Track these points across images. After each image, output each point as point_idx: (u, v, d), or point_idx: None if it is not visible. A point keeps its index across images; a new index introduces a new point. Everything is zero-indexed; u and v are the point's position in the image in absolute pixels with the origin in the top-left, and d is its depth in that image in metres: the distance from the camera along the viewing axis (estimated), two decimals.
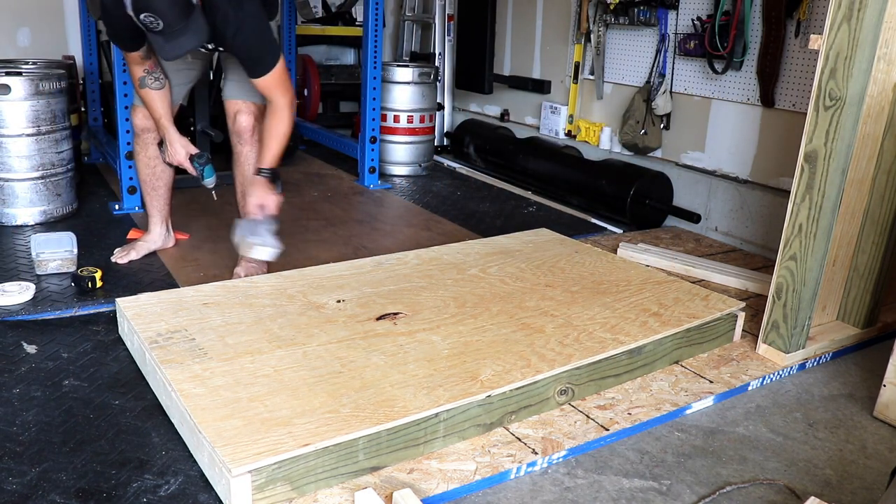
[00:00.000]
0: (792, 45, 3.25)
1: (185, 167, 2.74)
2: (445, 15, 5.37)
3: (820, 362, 2.43)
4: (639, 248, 3.19)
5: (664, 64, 3.83)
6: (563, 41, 4.59)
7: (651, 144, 3.95)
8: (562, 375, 2.00)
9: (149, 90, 2.62)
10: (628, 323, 2.28)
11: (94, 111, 4.56)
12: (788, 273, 2.30)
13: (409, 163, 4.65)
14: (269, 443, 1.58)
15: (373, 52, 4.08)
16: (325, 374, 1.89)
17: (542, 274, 2.68)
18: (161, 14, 2.17)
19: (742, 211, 3.54)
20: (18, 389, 1.99)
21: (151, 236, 3.01)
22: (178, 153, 2.71)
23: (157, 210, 2.98)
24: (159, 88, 2.63)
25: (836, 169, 2.16)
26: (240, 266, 2.79)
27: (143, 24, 2.20)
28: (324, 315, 2.25)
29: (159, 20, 2.18)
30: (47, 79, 3.26)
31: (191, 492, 1.62)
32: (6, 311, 2.44)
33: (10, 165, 3.21)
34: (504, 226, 3.63)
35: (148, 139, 2.81)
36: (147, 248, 2.98)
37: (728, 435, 1.98)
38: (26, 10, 4.56)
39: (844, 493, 1.76)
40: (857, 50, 2.05)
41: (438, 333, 2.16)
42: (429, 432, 1.77)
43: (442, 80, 5.35)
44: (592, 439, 1.88)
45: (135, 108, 2.81)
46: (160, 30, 2.20)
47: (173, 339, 2.03)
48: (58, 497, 1.58)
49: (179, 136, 2.71)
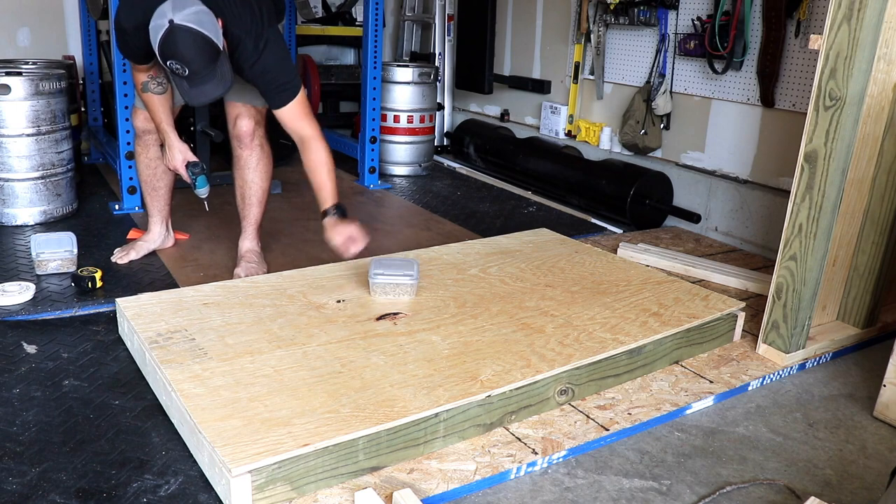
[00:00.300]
0: (792, 45, 3.25)
1: (180, 173, 2.73)
2: (445, 15, 5.37)
3: (820, 362, 2.42)
4: (639, 248, 3.19)
5: (664, 64, 3.83)
6: (563, 41, 4.59)
7: (651, 144, 3.95)
8: (562, 375, 2.00)
9: (151, 94, 2.61)
10: (628, 323, 2.28)
11: (94, 111, 4.57)
12: (788, 273, 2.30)
13: (409, 163, 4.65)
14: (269, 443, 1.58)
15: (373, 52, 4.08)
16: (325, 374, 1.89)
17: (542, 274, 2.68)
18: (188, 62, 2.16)
19: (742, 211, 3.54)
20: (18, 389, 1.99)
21: (151, 236, 3.01)
22: (174, 158, 2.70)
23: (157, 210, 2.98)
24: (161, 93, 2.62)
25: (836, 169, 2.16)
26: (239, 266, 2.79)
27: (170, 69, 2.20)
28: (324, 315, 2.25)
29: (186, 67, 2.17)
30: (47, 79, 3.26)
31: (191, 492, 1.62)
32: (6, 311, 2.43)
33: (10, 165, 3.21)
34: (504, 226, 3.63)
35: (149, 140, 2.81)
36: (147, 248, 2.98)
37: (728, 435, 1.98)
38: (26, 10, 4.56)
39: (844, 493, 1.76)
40: (857, 50, 2.05)
41: (438, 333, 2.16)
42: (429, 432, 1.77)
43: (442, 80, 5.35)
44: (592, 439, 1.88)
45: (136, 110, 2.80)
46: (186, 76, 2.19)
47: (173, 339, 2.03)
48: (58, 497, 1.58)
49: (179, 141, 2.70)
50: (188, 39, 2.14)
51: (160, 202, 2.96)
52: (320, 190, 2.50)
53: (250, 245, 2.89)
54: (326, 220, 2.48)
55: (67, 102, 3.42)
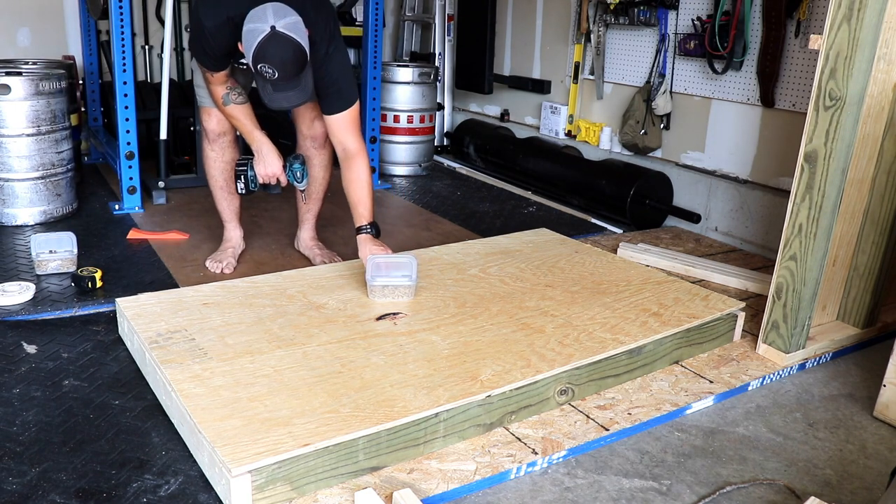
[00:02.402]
0: (792, 45, 3.25)
1: (280, 178, 2.64)
2: (445, 15, 5.37)
3: (820, 362, 2.42)
4: (639, 248, 3.19)
5: (664, 64, 3.83)
6: (563, 41, 4.59)
7: (651, 144, 3.95)
8: (562, 375, 2.00)
9: (234, 105, 2.60)
10: (628, 323, 2.28)
11: (94, 111, 4.57)
12: (788, 273, 2.30)
13: (409, 163, 4.65)
14: (269, 443, 1.58)
15: (373, 52, 4.08)
16: (325, 374, 1.89)
17: (542, 274, 2.68)
18: (282, 68, 2.22)
19: (742, 211, 3.54)
20: (18, 389, 1.99)
21: (235, 240, 3.00)
22: (274, 164, 2.61)
23: (233, 213, 2.96)
24: (243, 103, 2.62)
25: (836, 169, 2.16)
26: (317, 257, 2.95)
27: (259, 71, 2.24)
28: (324, 315, 2.25)
29: (277, 72, 2.22)
30: (47, 79, 3.26)
31: (191, 492, 1.62)
32: (6, 311, 2.43)
33: (10, 165, 3.21)
34: (504, 226, 3.63)
35: (224, 143, 2.78)
36: (236, 253, 2.96)
37: (728, 435, 1.98)
38: (26, 10, 4.56)
39: (844, 493, 1.76)
40: (857, 50, 2.05)
41: (438, 333, 2.16)
42: (429, 432, 1.77)
43: (442, 80, 5.35)
44: (592, 439, 1.88)
45: (208, 112, 2.74)
46: (274, 80, 2.25)
47: (173, 339, 2.03)
48: (58, 497, 1.58)
49: (273, 146, 2.63)
50: (287, 48, 2.21)
51: (236, 203, 2.94)
52: (357, 205, 2.54)
53: (314, 234, 3.07)
54: (361, 236, 2.52)
55: (67, 102, 3.42)
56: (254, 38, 2.20)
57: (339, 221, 3.58)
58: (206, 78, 2.58)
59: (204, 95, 2.71)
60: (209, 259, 2.92)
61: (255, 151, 2.63)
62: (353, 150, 2.54)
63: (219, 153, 2.79)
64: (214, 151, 2.79)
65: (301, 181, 2.69)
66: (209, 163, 2.83)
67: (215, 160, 2.81)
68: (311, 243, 3.05)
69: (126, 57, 3.38)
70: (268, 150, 2.61)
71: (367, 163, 2.56)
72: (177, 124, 4.14)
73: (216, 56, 2.48)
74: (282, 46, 2.20)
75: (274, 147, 2.63)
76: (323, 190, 2.96)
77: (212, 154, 2.80)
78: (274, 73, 2.23)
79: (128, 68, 3.38)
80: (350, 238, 3.32)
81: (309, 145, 2.82)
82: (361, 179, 2.53)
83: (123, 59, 3.38)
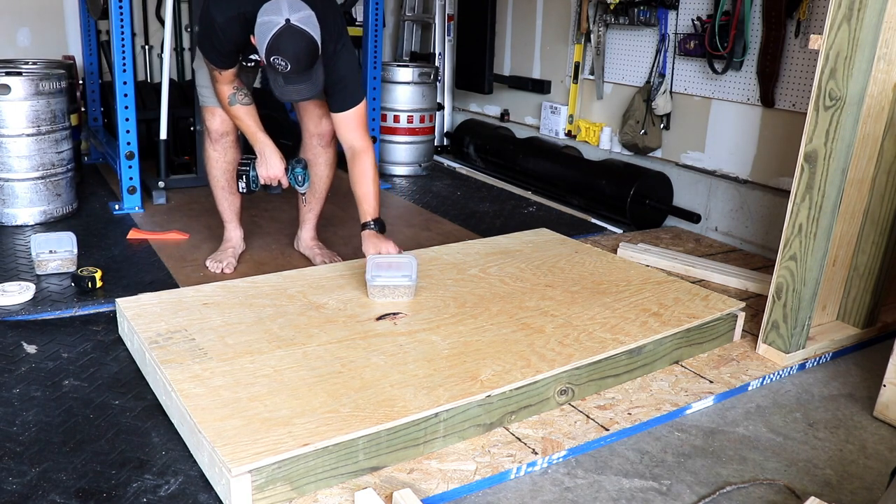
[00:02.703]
0: (792, 45, 3.25)
1: (282, 181, 2.64)
2: (445, 15, 5.37)
3: (820, 362, 2.42)
4: (639, 248, 3.19)
5: (664, 64, 3.83)
6: (563, 41, 4.59)
7: (651, 144, 3.95)
8: (562, 375, 2.00)
9: (239, 106, 2.59)
10: (628, 323, 2.28)
11: (94, 111, 4.57)
12: (788, 273, 2.30)
13: (409, 163, 4.65)
14: (268, 443, 1.58)
15: (373, 52, 4.09)
16: (325, 374, 1.89)
17: (542, 274, 2.68)
18: (295, 61, 2.23)
19: (742, 211, 3.54)
20: (18, 389, 1.99)
21: (235, 240, 3.00)
22: (276, 166, 2.61)
23: (234, 213, 2.96)
24: (249, 104, 2.62)
25: (836, 169, 2.16)
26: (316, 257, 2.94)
27: (271, 64, 2.25)
28: (324, 315, 2.25)
29: (289, 65, 2.23)
30: (47, 79, 3.26)
31: (191, 492, 1.62)
32: (6, 311, 2.44)
33: (10, 165, 3.22)
34: (504, 226, 3.63)
35: (227, 143, 2.77)
36: (236, 253, 2.97)
37: (728, 435, 1.98)
38: (26, 10, 4.56)
39: (844, 493, 1.76)
40: (857, 50, 2.05)
41: (438, 333, 2.16)
42: (429, 432, 1.77)
43: (442, 80, 5.35)
44: (592, 439, 1.88)
45: (211, 111, 2.73)
46: (286, 73, 2.26)
47: (173, 340, 2.03)
48: (58, 497, 1.58)
49: (276, 147, 2.63)
50: (301, 41, 2.22)
51: (236, 204, 2.95)
52: (363, 201, 2.56)
53: (314, 234, 3.06)
54: (365, 232, 2.54)
55: (67, 102, 3.42)
56: (268, 30, 2.21)
57: (340, 221, 3.58)
58: (214, 77, 2.58)
59: (207, 95, 2.71)
60: (209, 259, 2.91)
61: (258, 153, 2.62)
62: (360, 148, 2.56)
63: (221, 153, 2.79)
64: (217, 151, 2.79)
65: (302, 185, 2.70)
66: (211, 163, 2.82)
67: (217, 160, 2.80)
68: (312, 243, 3.06)
69: (126, 57, 3.39)
70: (270, 152, 2.61)
71: (373, 160, 2.58)
72: (177, 124, 4.14)
73: (225, 52, 2.48)
74: (296, 39, 2.21)
75: (277, 149, 2.63)
76: (326, 189, 2.96)
77: (214, 154, 2.80)
78: (287, 66, 2.24)
79: (128, 68, 3.38)
80: (350, 238, 3.33)
81: (315, 143, 2.82)
82: (367, 176, 2.55)
83: (123, 59, 3.38)
